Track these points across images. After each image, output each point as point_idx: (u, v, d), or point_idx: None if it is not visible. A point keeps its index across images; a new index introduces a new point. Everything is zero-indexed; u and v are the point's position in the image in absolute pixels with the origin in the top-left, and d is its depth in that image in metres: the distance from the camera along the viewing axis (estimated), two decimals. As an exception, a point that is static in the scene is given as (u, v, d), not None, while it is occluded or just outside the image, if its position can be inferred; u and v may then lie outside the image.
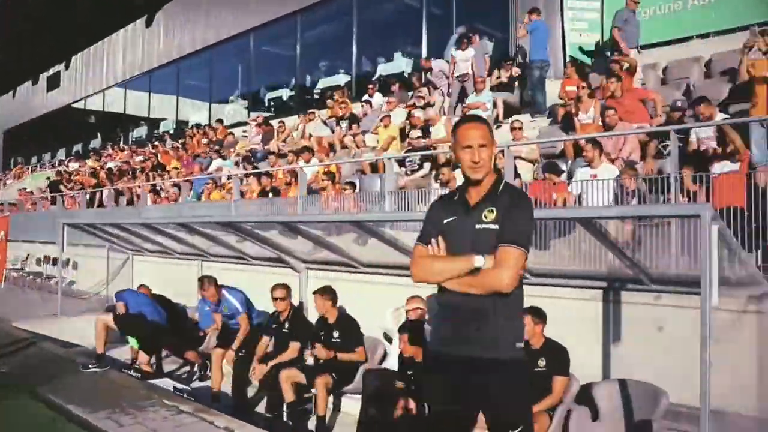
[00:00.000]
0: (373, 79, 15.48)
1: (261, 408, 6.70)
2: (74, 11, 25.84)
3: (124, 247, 12.19)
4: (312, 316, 7.34)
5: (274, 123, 15.71)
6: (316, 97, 17.66)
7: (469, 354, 2.88)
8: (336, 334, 6.53)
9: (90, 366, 7.16)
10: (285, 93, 19.18)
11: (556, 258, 5.66)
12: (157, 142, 20.96)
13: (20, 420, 5.53)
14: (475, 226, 2.93)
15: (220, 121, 19.14)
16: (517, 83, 11.97)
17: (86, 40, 28.69)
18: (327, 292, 6.68)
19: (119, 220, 12.32)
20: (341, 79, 17.23)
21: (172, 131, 23.25)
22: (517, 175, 8.19)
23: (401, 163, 10.34)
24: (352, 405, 6.26)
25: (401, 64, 15.52)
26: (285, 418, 6.33)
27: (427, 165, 10.02)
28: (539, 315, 5.42)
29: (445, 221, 3.04)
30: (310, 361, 6.46)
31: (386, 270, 7.24)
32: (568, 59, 11.94)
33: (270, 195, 11.09)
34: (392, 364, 6.23)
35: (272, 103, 19.57)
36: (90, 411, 5.54)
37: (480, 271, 2.84)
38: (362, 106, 14.05)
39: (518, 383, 2.93)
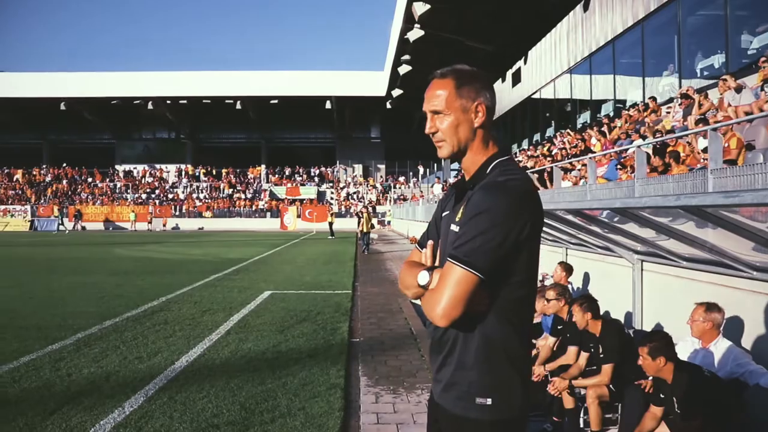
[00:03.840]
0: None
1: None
2: (526, 10, 27.68)
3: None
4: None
5: (696, 95, 14.18)
6: (746, 60, 15.23)
7: (433, 395, 2.22)
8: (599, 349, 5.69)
9: None
10: (717, 59, 16.95)
11: None
12: (588, 129, 21.02)
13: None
14: (450, 225, 2.09)
15: (653, 98, 18.11)
16: None
17: (538, 34, 30.39)
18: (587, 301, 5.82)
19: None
20: (781, 32, 14.34)
21: (611, 113, 22.91)
22: None
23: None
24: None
25: None
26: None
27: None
28: None
29: (443, 215, 2.26)
30: None
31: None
32: None
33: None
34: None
35: (705, 73, 17.51)
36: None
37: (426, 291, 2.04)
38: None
39: None
